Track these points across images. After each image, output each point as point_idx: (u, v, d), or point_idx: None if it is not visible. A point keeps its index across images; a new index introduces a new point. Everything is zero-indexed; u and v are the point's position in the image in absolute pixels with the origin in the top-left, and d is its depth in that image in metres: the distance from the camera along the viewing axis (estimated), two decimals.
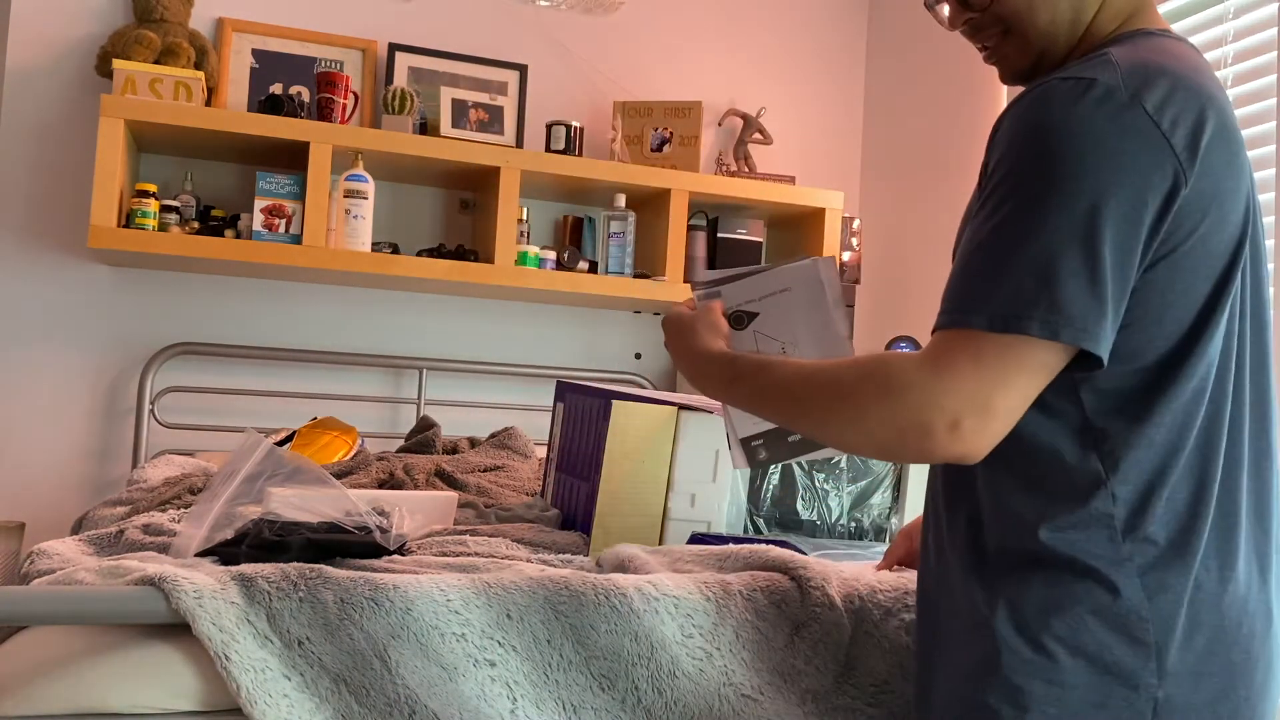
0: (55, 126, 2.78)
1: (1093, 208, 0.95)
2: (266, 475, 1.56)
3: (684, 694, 1.21)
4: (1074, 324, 0.95)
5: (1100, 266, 0.95)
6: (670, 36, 3.34)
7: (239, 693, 1.07)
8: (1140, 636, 0.99)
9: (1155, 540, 1.00)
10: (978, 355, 0.95)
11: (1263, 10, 2.16)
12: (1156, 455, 1.01)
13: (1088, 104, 0.97)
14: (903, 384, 0.97)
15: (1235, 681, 1.01)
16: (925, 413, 0.96)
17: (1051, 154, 0.97)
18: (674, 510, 1.68)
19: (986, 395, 0.95)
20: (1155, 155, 0.96)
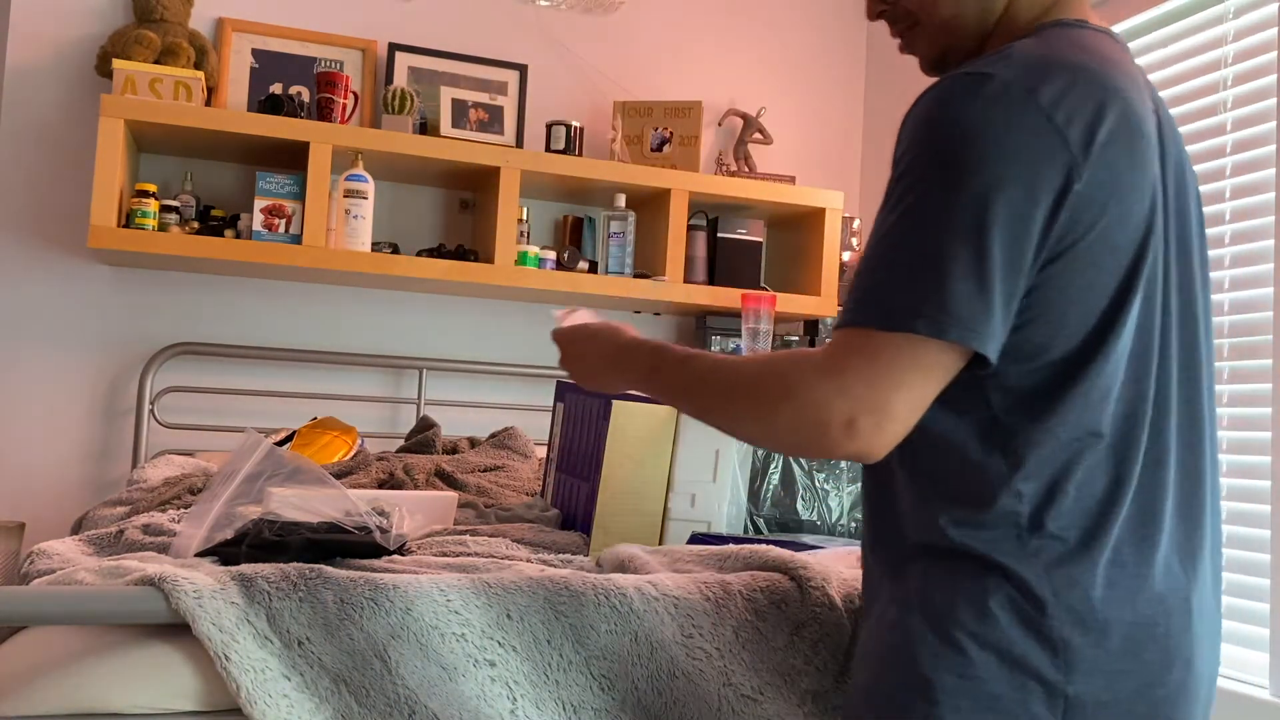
0: (55, 126, 2.78)
1: (982, 205, 0.95)
2: (266, 475, 1.56)
3: (684, 694, 1.21)
4: (961, 323, 0.95)
5: (988, 264, 0.95)
6: (670, 36, 3.34)
7: (239, 693, 1.07)
8: (1047, 633, 0.98)
9: (1063, 537, 1.00)
10: (872, 355, 0.96)
11: (1263, 10, 2.16)
12: (1063, 452, 1.00)
13: (981, 100, 0.97)
14: (801, 384, 0.98)
15: (1152, 680, 1.00)
16: (822, 412, 0.96)
17: (943, 151, 0.97)
18: (674, 510, 1.68)
19: (881, 395, 0.96)
20: (1047, 150, 0.96)
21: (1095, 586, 0.99)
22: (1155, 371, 1.04)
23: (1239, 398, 2.12)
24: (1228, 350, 2.16)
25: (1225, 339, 2.16)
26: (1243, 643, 2.07)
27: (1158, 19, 2.42)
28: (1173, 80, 2.36)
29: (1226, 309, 2.17)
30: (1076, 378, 1.00)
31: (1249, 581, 2.06)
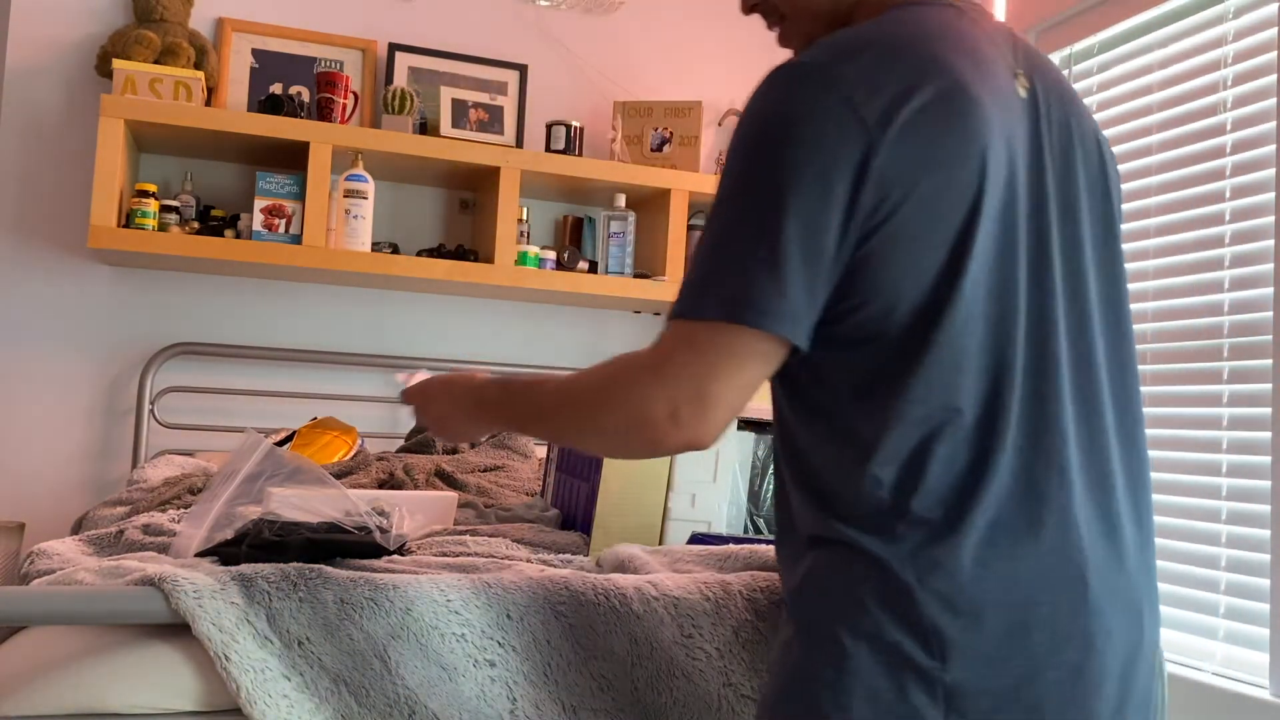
0: (55, 127, 2.78)
1: (778, 193, 0.96)
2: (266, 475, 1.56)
3: (683, 694, 1.21)
4: (758, 309, 0.96)
5: (784, 251, 0.96)
6: (670, 36, 3.34)
7: (239, 693, 1.07)
8: (917, 620, 0.96)
9: (927, 519, 0.97)
10: (689, 345, 0.99)
11: (1263, 10, 2.16)
12: (917, 431, 0.98)
13: (786, 87, 0.99)
14: (625, 381, 1.01)
15: (1041, 663, 0.97)
16: (646, 405, 0.98)
17: (747, 142, 1.00)
18: (674, 510, 1.68)
19: (699, 383, 0.97)
20: (843, 131, 0.96)
21: (964, 569, 0.96)
22: (1024, 340, 1.02)
23: (1239, 398, 2.12)
24: (1228, 350, 2.16)
25: (1225, 339, 2.17)
26: (1243, 643, 2.07)
27: (1158, 19, 2.42)
28: (1173, 80, 2.36)
29: (1226, 309, 2.17)
30: (918, 353, 0.99)
31: (1249, 581, 2.06)
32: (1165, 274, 2.32)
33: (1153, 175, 2.39)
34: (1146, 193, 2.40)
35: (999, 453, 0.99)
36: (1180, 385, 2.26)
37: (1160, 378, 2.31)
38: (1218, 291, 2.19)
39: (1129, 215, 2.44)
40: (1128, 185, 2.45)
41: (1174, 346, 2.28)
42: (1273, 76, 2.11)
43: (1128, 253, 2.43)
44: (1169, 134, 2.35)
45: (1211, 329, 2.20)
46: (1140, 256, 2.40)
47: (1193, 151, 2.29)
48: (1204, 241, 2.24)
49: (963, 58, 1.03)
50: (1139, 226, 2.41)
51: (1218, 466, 2.15)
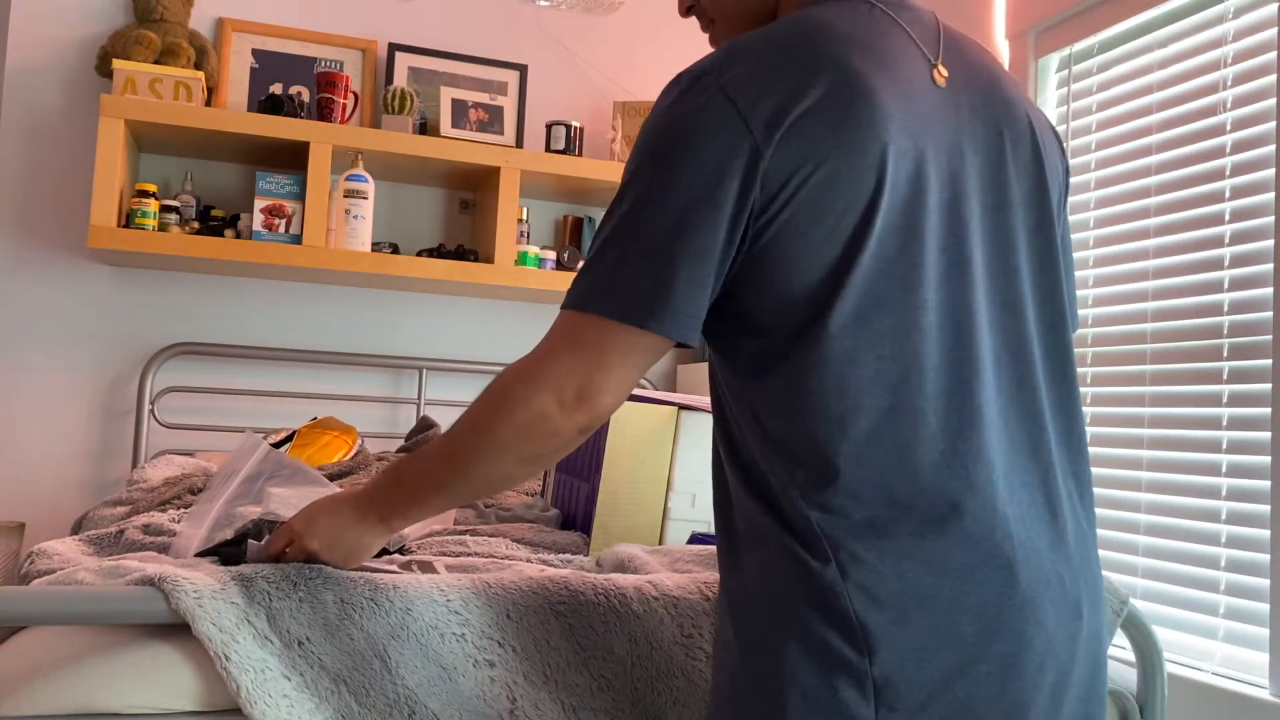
0: (55, 127, 2.78)
1: (668, 195, 0.99)
2: (266, 476, 1.57)
3: (683, 694, 1.21)
4: (642, 308, 0.99)
5: (671, 251, 0.99)
6: (670, 36, 3.34)
7: (239, 693, 1.07)
8: (841, 614, 0.95)
9: (846, 514, 0.97)
10: (574, 340, 1.02)
11: (1263, 10, 2.16)
12: (827, 427, 0.98)
13: (677, 94, 1.02)
14: (509, 384, 1.04)
15: (971, 655, 0.96)
16: (535, 398, 1.01)
17: (643, 146, 1.03)
18: (674, 510, 1.68)
19: (585, 374, 1.01)
20: (729, 133, 0.98)
21: (887, 562, 0.96)
22: (936, 333, 1.01)
23: (1239, 398, 2.12)
24: (1228, 350, 2.16)
25: (1225, 339, 2.17)
26: (1243, 643, 2.07)
27: (1158, 19, 2.42)
28: (1173, 80, 2.36)
29: (1226, 309, 2.17)
30: (811, 347, 0.99)
31: (1249, 581, 2.06)
32: (1165, 274, 2.32)
33: (1153, 175, 2.39)
34: (1146, 193, 2.40)
35: (916, 445, 0.99)
36: (1180, 385, 2.26)
37: (1160, 378, 2.31)
38: (1218, 291, 2.19)
39: (1130, 215, 2.44)
40: (1128, 185, 2.45)
41: (1174, 346, 2.28)
42: (1273, 76, 2.11)
43: (1129, 252, 2.43)
44: (1169, 134, 2.35)
45: (1211, 329, 2.20)
46: (1140, 256, 2.40)
47: (1193, 151, 2.29)
48: (1204, 241, 2.24)
49: (861, 52, 1.03)
50: (1139, 226, 2.41)
51: (1218, 466, 2.15)
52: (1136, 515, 2.34)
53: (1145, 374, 2.36)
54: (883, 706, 0.95)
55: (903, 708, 0.95)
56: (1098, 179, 2.53)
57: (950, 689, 0.96)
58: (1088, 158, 2.58)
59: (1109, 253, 2.49)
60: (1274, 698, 1.97)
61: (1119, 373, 2.42)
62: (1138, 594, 2.31)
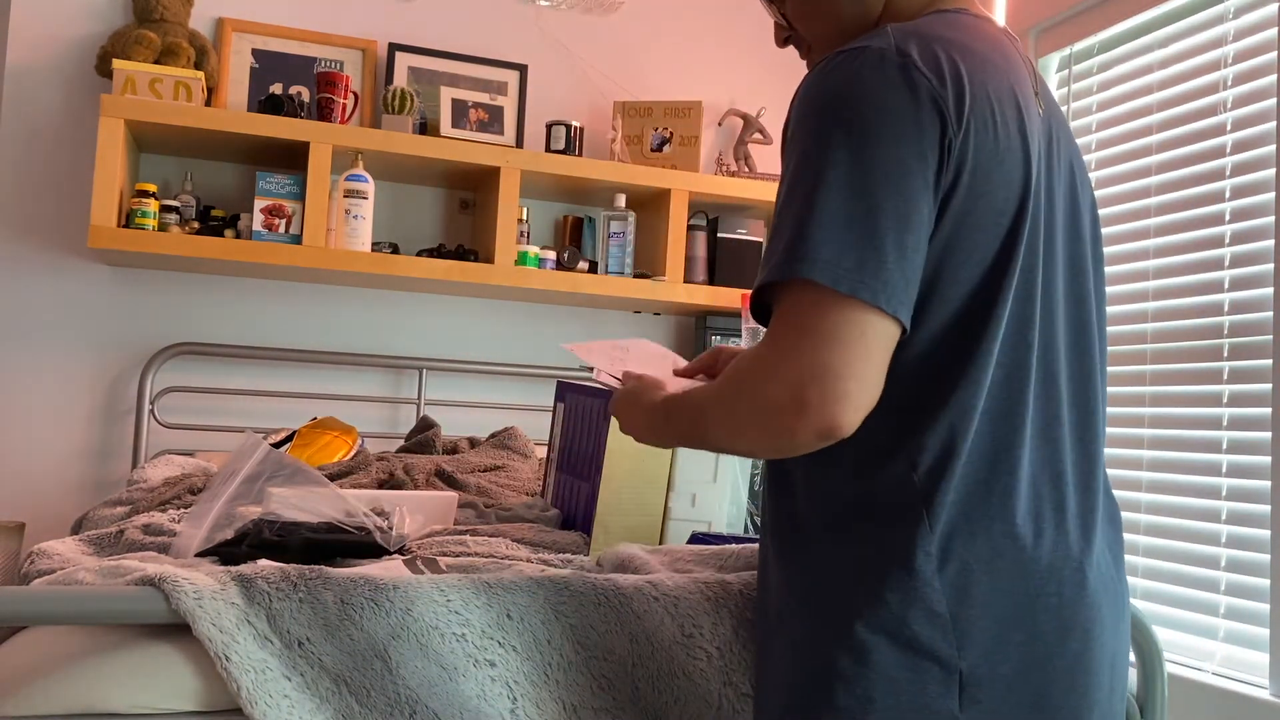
0: (55, 126, 2.78)
1: (875, 166, 0.95)
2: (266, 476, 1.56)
3: (684, 694, 1.21)
4: (872, 284, 0.93)
5: (887, 224, 0.94)
6: (670, 36, 3.34)
7: (239, 693, 1.07)
8: (935, 607, 0.98)
9: (948, 509, 0.99)
10: (800, 324, 0.94)
11: (1263, 10, 2.16)
12: (949, 422, 1.00)
13: (861, 67, 0.99)
14: (746, 373, 0.97)
15: (1048, 651, 1.00)
16: (771, 392, 0.93)
17: (833, 118, 0.98)
18: (674, 510, 1.68)
19: (823, 361, 0.92)
20: (926, 111, 0.97)
21: (981, 558, 0.99)
22: (1037, 343, 1.05)
23: (1239, 398, 2.12)
24: (1228, 350, 2.16)
25: (1225, 339, 2.17)
26: (1243, 643, 2.07)
27: (1158, 19, 2.42)
28: (1173, 80, 2.36)
29: (1226, 309, 2.17)
30: (964, 346, 1.00)
31: (1249, 581, 2.06)
32: (1165, 274, 2.32)
33: (1153, 175, 2.39)
34: (1146, 193, 2.40)
35: (1015, 449, 1.02)
36: (1180, 385, 2.26)
37: (1160, 378, 2.31)
38: (1218, 291, 2.19)
39: (1130, 215, 2.44)
40: (1128, 185, 2.45)
41: (1174, 346, 2.28)
42: (1273, 76, 2.11)
43: (1129, 252, 2.43)
44: (1169, 134, 2.35)
45: (1211, 329, 2.20)
46: (1140, 256, 2.40)
47: (1193, 151, 2.29)
48: (1204, 241, 2.24)
49: (1010, 67, 1.07)
50: (1139, 226, 2.41)
51: (1218, 466, 2.15)
52: (1136, 515, 2.34)
53: (1145, 374, 2.36)
54: (967, 699, 0.97)
55: (985, 700, 0.98)
56: (1098, 179, 2.53)
57: (1028, 682, 0.99)
58: (1088, 158, 2.57)
59: (1109, 253, 2.49)
60: (1274, 698, 1.97)
61: (1119, 373, 2.42)
62: (1138, 594, 2.31)
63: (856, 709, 0.97)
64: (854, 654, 0.98)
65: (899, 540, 0.99)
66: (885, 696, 0.97)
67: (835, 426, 0.93)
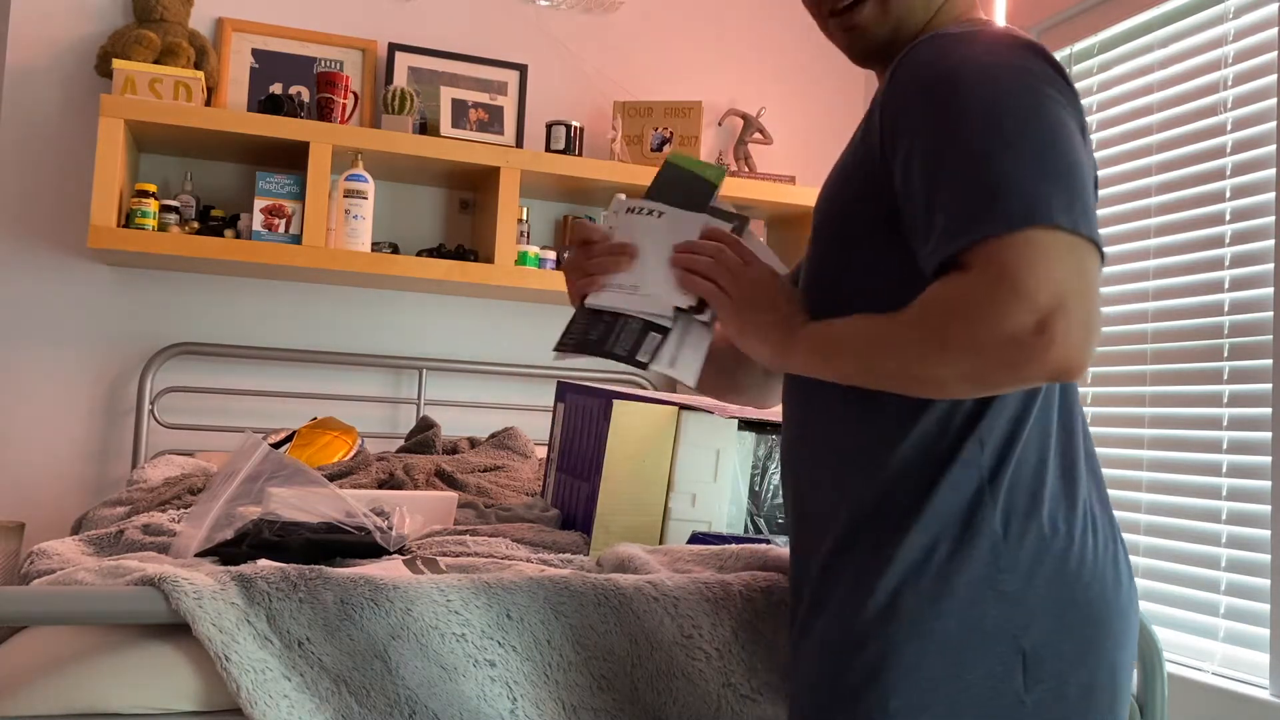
0: (55, 126, 2.78)
1: (1057, 122, 0.96)
2: (266, 476, 1.56)
3: (683, 694, 1.21)
4: (1091, 225, 0.93)
5: (1081, 170, 0.95)
6: (670, 36, 3.34)
7: (239, 693, 1.07)
8: (1003, 587, 1.00)
9: (1015, 490, 1.02)
10: (1043, 252, 0.89)
11: (1263, 10, 2.16)
12: (1015, 403, 1.04)
13: (998, 39, 1.01)
14: (975, 300, 0.89)
15: (1101, 630, 1.03)
16: (1009, 321, 0.88)
17: (986, 71, 0.97)
18: (674, 510, 1.68)
19: (1061, 293, 0.88)
20: (1067, 92, 1.00)
21: (1043, 539, 1.02)
22: None
23: (1239, 398, 2.12)
24: (1228, 350, 2.16)
25: (1225, 339, 2.17)
26: (1243, 643, 2.07)
27: (1158, 19, 2.42)
28: (1173, 80, 2.36)
29: (1226, 309, 2.17)
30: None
31: (1249, 581, 2.06)
32: (1165, 274, 2.32)
33: (1153, 175, 2.39)
34: (1147, 193, 2.40)
35: (1049, 435, 1.05)
36: (1180, 385, 2.26)
37: (1160, 378, 2.31)
38: (1218, 291, 2.19)
39: (1130, 215, 2.44)
40: (1128, 185, 2.45)
41: (1174, 346, 2.28)
42: (1273, 76, 2.11)
43: (1129, 252, 2.43)
44: (1169, 134, 2.35)
45: (1211, 329, 2.19)
46: (1140, 256, 2.40)
47: (1193, 151, 2.29)
48: (1204, 241, 2.24)
49: None
50: (1139, 226, 2.41)
51: (1218, 466, 2.15)
52: (1136, 515, 2.34)
53: (1145, 374, 2.36)
54: (1031, 680, 1.00)
55: (1048, 680, 1.00)
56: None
57: (1084, 660, 1.02)
58: None
59: (1109, 252, 2.49)
60: (1274, 698, 1.97)
61: (1119, 373, 2.42)
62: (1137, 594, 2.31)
63: (923, 688, 0.99)
64: (921, 635, 1.00)
65: (969, 519, 1.01)
66: (953, 679, 0.99)
67: (1076, 361, 0.89)
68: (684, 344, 1.12)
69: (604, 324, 1.15)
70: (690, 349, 1.12)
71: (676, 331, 1.13)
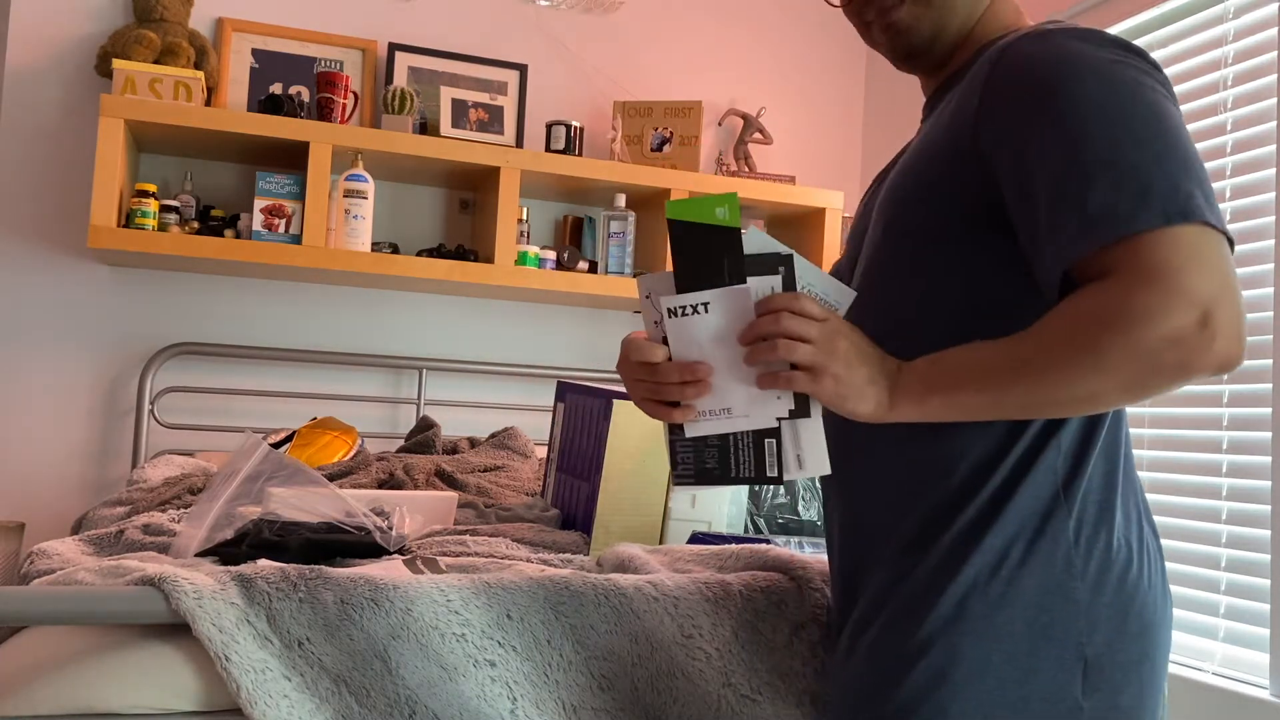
0: (55, 126, 2.78)
1: (1176, 118, 0.96)
2: (266, 476, 1.56)
3: (683, 694, 1.21)
4: (1224, 225, 0.92)
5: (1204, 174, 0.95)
6: (670, 36, 3.34)
7: (239, 693, 1.07)
8: (1072, 594, 1.01)
9: (1088, 498, 1.03)
10: (1194, 251, 0.88)
11: (1263, 10, 2.16)
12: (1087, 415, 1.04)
13: (1091, 36, 1.00)
14: (1128, 303, 0.87)
15: (1153, 644, 1.04)
16: (1170, 320, 0.86)
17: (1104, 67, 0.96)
18: (674, 510, 1.68)
19: (1219, 285, 0.87)
20: (1169, 83, 1.00)
21: (1111, 548, 1.03)
22: None
23: (1239, 398, 2.12)
24: None
25: None
26: (1243, 643, 2.07)
27: (1158, 19, 2.42)
28: (1173, 80, 2.36)
29: None
30: None
31: (1249, 581, 2.06)
32: None
33: None
34: None
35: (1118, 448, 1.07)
36: None
37: None
38: None
39: None
40: None
41: None
42: (1273, 76, 2.11)
43: None
44: None
45: None
46: None
47: None
48: None
49: None
50: None
51: (1218, 466, 2.15)
52: None
53: None
54: (1089, 687, 1.01)
55: (1105, 688, 1.01)
56: None
57: (1139, 670, 1.02)
58: None
59: None
60: (1274, 698, 1.97)
61: None
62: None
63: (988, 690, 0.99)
64: (985, 633, 1.00)
65: (1043, 525, 1.02)
66: (1014, 684, 0.99)
67: (1237, 354, 0.88)
68: (800, 437, 1.05)
69: (714, 449, 1.10)
70: (808, 440, 1.05)
71: (788, 429, 1.06)
